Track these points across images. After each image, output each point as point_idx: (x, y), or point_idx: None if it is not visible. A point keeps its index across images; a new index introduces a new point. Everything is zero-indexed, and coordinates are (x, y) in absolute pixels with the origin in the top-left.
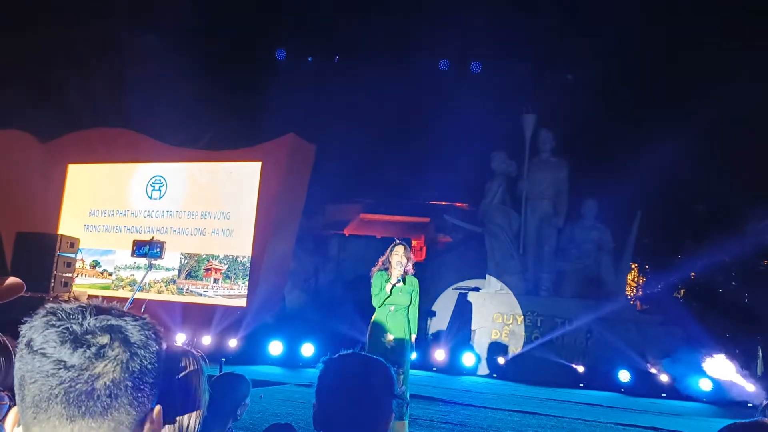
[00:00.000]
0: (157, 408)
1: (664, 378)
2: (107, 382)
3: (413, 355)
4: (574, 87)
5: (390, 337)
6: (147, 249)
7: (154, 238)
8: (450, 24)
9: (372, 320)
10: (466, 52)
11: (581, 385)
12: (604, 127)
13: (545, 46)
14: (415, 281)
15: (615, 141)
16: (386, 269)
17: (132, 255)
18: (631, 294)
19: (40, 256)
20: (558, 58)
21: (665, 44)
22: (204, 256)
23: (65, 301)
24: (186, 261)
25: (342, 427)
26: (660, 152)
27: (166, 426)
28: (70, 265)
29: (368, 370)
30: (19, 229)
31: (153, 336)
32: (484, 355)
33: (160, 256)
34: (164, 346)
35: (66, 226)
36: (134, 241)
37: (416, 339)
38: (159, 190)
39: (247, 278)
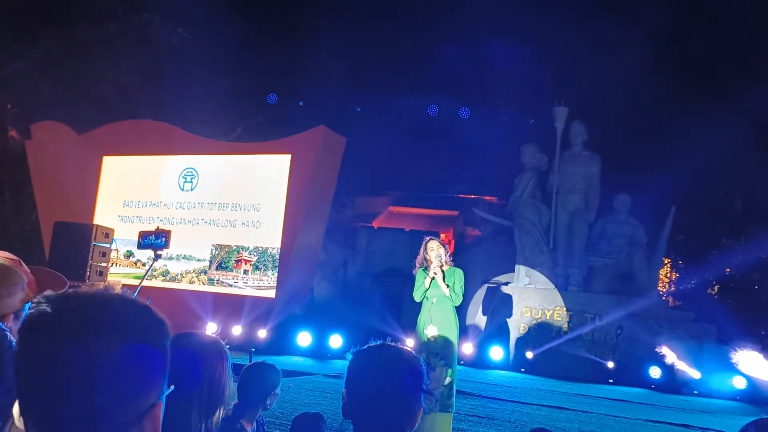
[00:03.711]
0: (158, 405)
1: (695, 375)
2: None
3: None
4: (607, 79)
5: (432, 329)
6: (152, 239)
7: (159, 228)
8: (481, 16)
9: (419, 314)
10: (498, 43)
11: (611, 381)
12: (638, 121)
13: (579, 38)
14: (458, 271)
15: (649, 135)
16: (426, 268)
17: (138, 247)
18: (664, 290)
19: (77, 246)
20: (591, 50)
21: (702, 36)
22: (234, 247)
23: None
24: (217, 252)
25: (370, 417)
26: (695, 146)
27: (194, 410)
28: (105, 254)
29: (397, 362)
30: (57, 218)
31: (150, 333)
32: (512, 349)
33: (165, 245)
34: (165, 342)
35: (101, 217)
36: (140, 232)
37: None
38: (191, 182)
39: (277, 269)
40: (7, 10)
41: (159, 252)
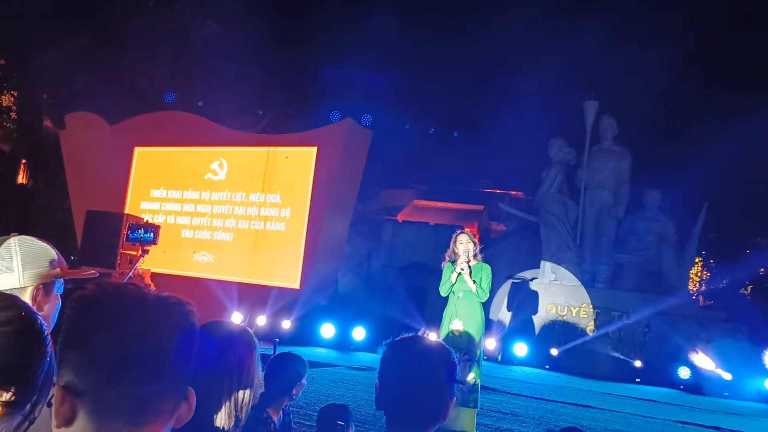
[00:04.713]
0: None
1: (726, 376)
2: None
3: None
4: (639, 73)
5: (458, 323)
6: (141, 233)
7: (148, 221)
8: (512, 8)
9: (444, 308)
10: (528, 35)
11: (638, 380)
12: (670, 115)
13: (610, 32)
14: (486, 267)
15: (681, 129)
16: (454, 261)
17: (126, 239)
18: (694, 289)
19: (108, 234)
20: (623, 44)
21: (736, 29)
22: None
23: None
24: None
25: (403, 408)
26: (729, 142)
27: (224, 398)
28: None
29: (430, 353)
30: (89, 207)
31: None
32: (536, 345)
33: (153, 241)
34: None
35: (132, 206)
36: (129, 224)
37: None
38: (218, 172)
39: (301, 261)
40: (42, 3)
41: (147, 248)
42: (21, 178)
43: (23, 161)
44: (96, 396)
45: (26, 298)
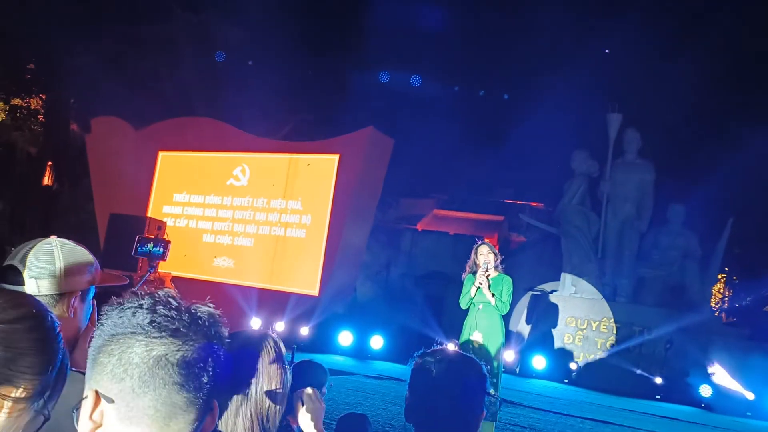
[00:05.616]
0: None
1: (749, 396)
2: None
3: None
4: (664, 85)
5: (477, 335)
6: (151, 247)
7: (159, 235)
8: (536, 19)
9: (465, 319)
10: (552, 45)
11: (658, 397)
12: (696, 128)
13: (635, 44)
14: (507, 279)
15: (707, 143)
16: (475, 272)
17: (134, 253)
18: (716, 305)
19: (130, 237)
20: (648, 56)
21: (764, 41)
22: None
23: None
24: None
25: (434, 421)
26: (755, 156)
27: (250, 409)
28: None
29: (462, 366)
30: (112, 210)
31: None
32: (555, 359)
33: (163, 256)
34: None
35: (154, 210)
36: (138, 237)
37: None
38: (241, 178)
39: (321, 268)
40: (70, 7)
41: (155, 263)
42: (46, 180)
43: (49, 163)
44: (128, 402)
45: (63, 304)
